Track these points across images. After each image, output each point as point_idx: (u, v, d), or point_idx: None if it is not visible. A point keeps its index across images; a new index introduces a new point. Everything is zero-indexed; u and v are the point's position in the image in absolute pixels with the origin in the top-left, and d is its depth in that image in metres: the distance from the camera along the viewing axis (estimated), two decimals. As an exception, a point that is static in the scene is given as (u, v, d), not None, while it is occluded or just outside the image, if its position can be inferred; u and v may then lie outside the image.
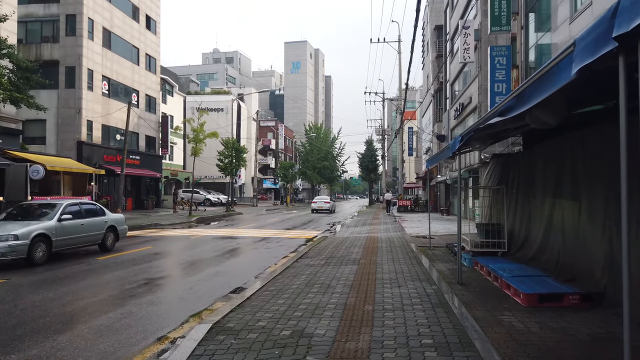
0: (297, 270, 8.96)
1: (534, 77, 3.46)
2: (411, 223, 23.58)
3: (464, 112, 25.27)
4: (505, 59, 14.40)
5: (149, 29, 36.27)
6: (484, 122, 5.06)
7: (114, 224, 13.06)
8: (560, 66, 2.94)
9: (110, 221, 12.86)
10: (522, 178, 8.97)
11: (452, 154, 7.62)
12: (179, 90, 52.24)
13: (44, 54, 28.50)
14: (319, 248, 12.76)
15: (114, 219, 13.26)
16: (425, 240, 14.74)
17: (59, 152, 27.45)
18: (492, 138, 7.58)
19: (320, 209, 36.20)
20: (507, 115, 4.28)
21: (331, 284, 7.40)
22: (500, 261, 8.35)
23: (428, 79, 43.45)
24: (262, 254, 12.74)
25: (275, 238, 17.18)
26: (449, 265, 9.29)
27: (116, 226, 13.14)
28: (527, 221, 8.59)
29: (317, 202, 38.10)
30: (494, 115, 4.72)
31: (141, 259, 11.47)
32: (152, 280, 8.81)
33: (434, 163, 10.30)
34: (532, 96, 3.56)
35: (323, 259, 10.54)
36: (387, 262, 9.80)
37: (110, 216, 13.18)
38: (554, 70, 3.05)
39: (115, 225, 13.09)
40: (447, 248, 11.85)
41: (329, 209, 36.56)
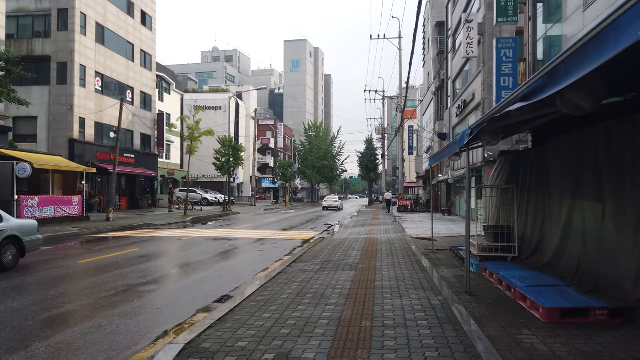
0: (289, 277, 8.24)
1: (575, 46, 2.74)
2: (412, 224, 22.86)
3: (466, 109, 24.54)
4: (512, 52, 13.67)
5: (145, 24, 35.51)
6: (501, 111, 4.33)
7: (17, 234, 9.88)
8: (620, 25, 2.22)
9: (9, 230, 9.69)
10: (535, 177, 8.24)
11: (460, 150, 6.90)
12: (177, 89, 51.49)
13: (35, 49, 27.78)
14: (315, 251, 12.04)
15: (17, 226, 10.07)
16: (427, 242, 14.02)
17: (51, 150, 26.72)
18: (505, 132, 6.86)
19: (330, 206, 41.27)
20: (532, 100, 3.56)
21: (325, 294, 6.67)
22: (511, 268, 7.62)
23: (429, 76, 42.71)
24: (255, 257, 12.03)
25: (270, 239, 16.47)
26: (454, 271, 8.56)
27: (20, 236, 9.96)
28: (541, 224, 7.86)
29: (328, 200, 42.98)
30: (514, 101, 3.99)
31: (125, 262, 10.75)
32: (131, 287, 8.09)
33: (437, 160, 9.58)
34: (571, 72, 2.83)
35: (318, 263, 9.81)
36: (387, 268, 9.08)
37: (11, 223, 9.96)
38: (609, 32, 2.33)
39: (18, 235, 9.91)
40: (451, 251, 11.13)
41: (338, 206, 41.73)
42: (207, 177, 57.17)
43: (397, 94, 38.44)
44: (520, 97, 3.80)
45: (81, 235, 17.18)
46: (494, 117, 4.50)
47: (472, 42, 20.25)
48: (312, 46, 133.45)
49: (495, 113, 4.46)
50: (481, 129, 5.36)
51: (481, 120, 5.07)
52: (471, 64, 24.63)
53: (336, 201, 42.44)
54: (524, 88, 3.70)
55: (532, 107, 4.14)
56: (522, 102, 3.82)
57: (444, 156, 8.28)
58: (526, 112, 4.63)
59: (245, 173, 63.35)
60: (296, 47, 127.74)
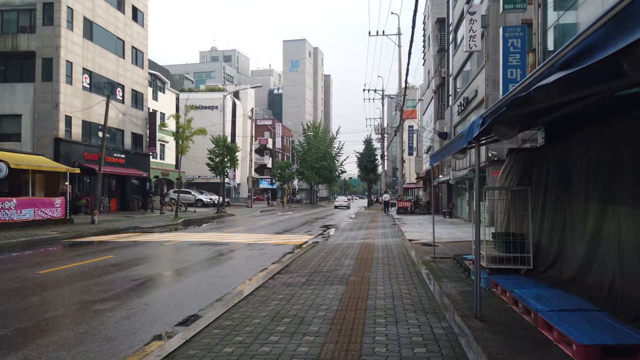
0: (269, 292, 7.13)
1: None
2: (411, 227, 21.75)
3: (468, 106, 23.45)
4: (519, 41, 12.57)
5: (136, 20, 34.42)
6: (530, 87, 3.23)
7: None
8: None
9: None
10: (553, 177, 7.14)
11: (467, 145, 5.79)
12: (173, 88, 50.41)
13: (20, 45, 26.71)
14: (305, 258, 10.93)
15: None
16: (428, 248, 12.91)
17: (35, 149, 25.64)
18: (523, 123, 5.76)
19: (341, 205, 52.29)
20: (581, 64, 2.46)
21: (306, 318, 5.56)
22: (526, 283, 6.52)
23: (429, 74, 41.62)
24: (239, 266, 10.93)
25: (260, 244, 15.37)
26: (459, 286, 7.45)
27: None
28: (560, 231, 6.76)
29: (339, 200, 55.45)
30: (550, 71, 2.89)
31: (91, 272, 9.64)
32: (87, 304, 6.98)
33: (439, 159, 8.48)
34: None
35: (305, 274, 8.70)
36: (383, 281, 7.97)
37: None
38: None
39: None
40: (454, 261, 10.01)
41: (347, 205, 52.77)
42: (202, 178, 56.10)
43: (397, 92, 37.36)
44: (560, 63, 2.70)
45: (59, 240, 16.06)
46: (517, 98, 3.40)
47: (475, 35, 19.17)
48: (311, 46, 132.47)
49: (519, 92, 3.36)
50: (497, 116, 4.25)
51: (499, 105, 3.97)
52: (473, 59, 23.54)
53: (345, 201, 55.28)
54: (568, 50, 2.60)
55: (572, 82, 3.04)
56: (562, 71, 2.71)
57: (448, 153, 7.18)
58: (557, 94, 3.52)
59: (242, 174, 62.25)
60: (295, 47, 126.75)
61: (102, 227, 19.94)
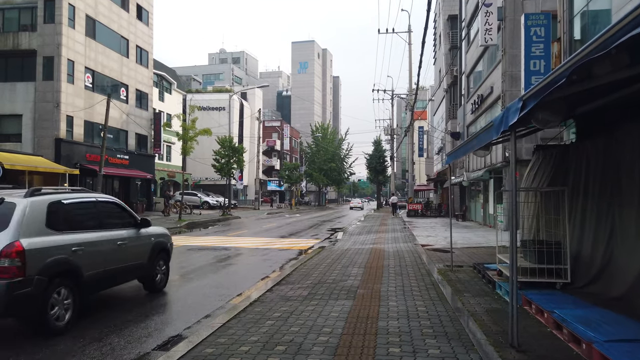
0: (265, 308, 6.20)
1: None
2: (423, 230, 20.71)
3: (483, 104, 22.37)
4: (543, 30, 11.55)
5: (140, 19, 33.79)
6: (609, 45, 2.26)
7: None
8: None
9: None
10: (596, 177, 6.13)
11: (498, 137, 4.82)
12: (180, 89, 49.81)
13: (21, 43, 26.13)
14: (309, 266, 10.00)
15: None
16: (442, 255, 11.92)
17: (36, 150, 25.02)
18: (571, 107, 4.77)
19: (355, 206, 58.00)
20: None
21: (304, 345, 4.62)
22: (566, 301, 5.53)
23: (440, 73, 40.54)
24: (237, 274, 10.02)
25: (263, 249, 14.47)
26: (485, 303, 6.45)
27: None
28: (607, 241, 5.75)
29: (353, 202, 62.53)
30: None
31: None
32: (56, 321, 6.10)
33: (460, 156, 7.49)
34: None
35: (308, 286, 7.76)
36: (396, 295, 7.00)
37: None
38: None
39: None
40: (475, 270, 9.01)
41: (361, 207, 58.94)
42: (210, 180, 55.39)
43: (407, 90, 36.34)
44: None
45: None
46: (593, 59, 2.44)
47: (491, 28, 18.14)
48: (320, 47, 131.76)
49: (593, 52, 2.39)
50: (546, 95, 3.28)
51: (553, 78, 3.00)
52: (488, 55, 22.48)
53: (359, 203, 61.97)
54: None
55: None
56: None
57: (470, 149, 6.21)
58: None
59: (250, 175, 61.51)
60: (304, 48, 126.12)
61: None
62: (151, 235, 7.79)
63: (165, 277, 8.19)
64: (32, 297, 5.05)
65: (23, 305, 5.01)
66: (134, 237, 7.23)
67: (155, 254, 7.78)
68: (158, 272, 7.89)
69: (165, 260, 8.21)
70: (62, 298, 5.53)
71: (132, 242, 7.15)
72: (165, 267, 8.19)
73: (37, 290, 5.09)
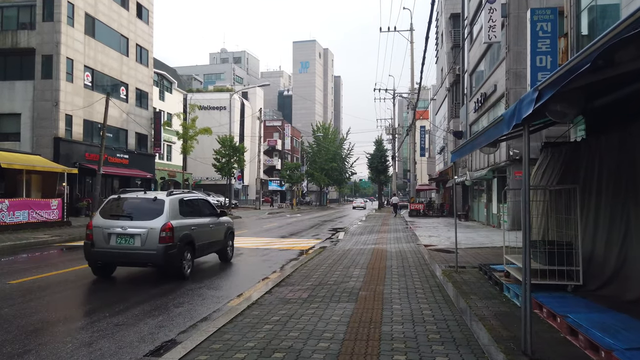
0: (263, 312, 5.95)
1: None
2: (425, 230, 20.44)
3: (486, 103, 22.10)
4: (549, 25, 11.28)
5: (140, 17, 33.56)
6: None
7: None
8: None
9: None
10: (610, 175, 5.86)
11: (510, 132, 4.56)
12: (180, 88, 49.60)
13: (20, 41, 25.93)
14: (310, 267, 9.74)
15: None
16: (446, 255, 11.66)
17: (35, 149, 24.79)
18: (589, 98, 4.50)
19: (358, 206, 60.05)
20: None
21: (303, 352, 4.35)
22: (579, 305, 5.26)
23: (442, 72, 40.26)
24: (236, 275, 9.77)
25: (263, 249, 14.22)
26: (493, 306, 6.18)
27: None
28: (622, 241, 5.49)
29: (356, 202, 66.12)
30: None
31: (69, 283, 8.56)
32: (47, 324, 5.86)
33: (466, 153, 7.22)
34: None
35: (308, 287, 7.50)
36: (399, 297, 6.74)
37: None
38: None
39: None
40: (480, 271, 8.74)
41: (364, 206, 61.00)
42: (211, 179, 55.20)
43: (409, 89, 36.05)
44: None
45: (49, 244, 15.06)
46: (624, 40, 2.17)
47: (495, 25, 17.89)
48: (321, 47, 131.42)
49: (632, 29, 2.13)
50: (566, 83, 3.02)
51: (578, 62, 2.73)
52: (491, 53, 22.21)
53: (362, 203, 64.74)
54: None
55: None
56: None
57: (477, 146, 5.94)
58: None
59: (251, 175, 61.29)
60: (305, 48, 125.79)
61: (100, 230, 18.94)
62: (225, 222, 11.13)
63: (232, 251, 11.56)
64: (176, 255, 8.45)
65: (172, 260, 8.40)
66: (216, 222, 10.54)
67: (227, 234, 11.20)
68: (228, 247, 11.25)
69: (232, 240, 11.54)
70: (187, 258, 8.89)
71: (216, 226, 10.51)
72: (232, 244, 11.52)
73: (178, 251, 8.51)
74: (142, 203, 8.89)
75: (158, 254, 8.21)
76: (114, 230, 8.48)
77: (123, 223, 8.50)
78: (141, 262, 8.64)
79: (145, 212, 8.59)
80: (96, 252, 8.65)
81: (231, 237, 11.43)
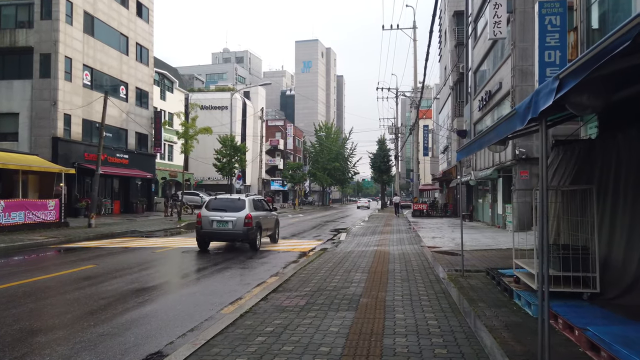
0: (257, 321, 5.56)
1: None
2: (429, 231, 20.02)
3: (491, 101, 21.66)
4: (558, 19, 10.86)
5: (140, 16, 33.25)
6: None
7: None
8: None
9: None
10: (629, 175, 5.44)
11: (524, 127, 4.15)
12: (182, 88, 49.28)
13: (18, 40, 25.66)
14: (309, 270, 9.35)
15: None
16: (451, 258, 11.26)
17: (33, 149, 24.51)
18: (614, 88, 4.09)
19: (363, 205, 62.25)
20: None
21: (297, 370, 3.97)
22: (597, 315, 4.86)
23: (446, 70, 39.79)
24: (232, 279, 9.38)
25: (261, 251, 13.84)
26: (503, 315, 5.77)
27: None
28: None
29: (361, 202, 68.35)
30: None
31: (57, 288, 8.20)
32: (34, 333, 5.50)
33: (473, 151, 6.80)
34: None
35: (306, 294, 7.11)
36: (403, 305, 6.33)
37: None
38: None
39: None
40: (488, 276, 8.33)
41: (368, 206, 62.30)
42: (213, 179, 54.83)
43: (412, 88, 35.62)
44: None
45: (44, 246, 14.72)
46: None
47: (500, 21, 17.43)
48: (324, 46, 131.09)
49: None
50: (595, 69, 2.61)
51: (611, 42, 2.33)
52: (496, 50, 21.77)
53: (366, 202, 66.15)
54: None
55: None
56: None
57: (486, 143, 5.54)
58: None
59: (253, 175, 60.94)
60: (307, 47, 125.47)
61: (98, 231, 18.62)
62: (274, 215, 15.65)
63: (278, 236, 15.94)
64: (253, 234, 12.81)
65: (252, 237, 12.80)
66: (271, 215, 15.01)
67: (276, 224, 15.63)
68: (276, 233, 15.61)
69: (278, 227, 15.88)
70: (258, 236, 13.29)
71: (270, 217, 14.86)
72: (277, 230, 15.87)
73: (254, 231, 12.81)
74: (231, 201, 13.55)
75: (243, 233, 12.76)
76: (214, 218, 12.87)
77: (220, 214, 12.91)
78: (232, 239, 13.33)
79: (234, 207, 13.05)
80: (203, 232, 12.98)
81: (277, 225, 15.78)
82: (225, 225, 12.70)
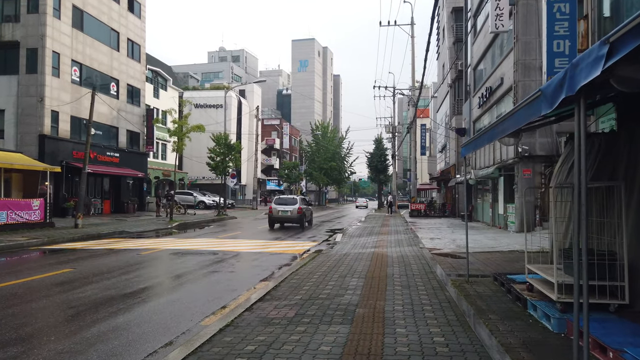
0: (237, 338, 4.85)
1: None
2: (428, 232, 19.36)
3: (492, 97, 21.01)
4: (568, 6, 10.20)
5: (132, 11, 32.44)
6: None
7: None
8: None
9: None
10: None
11: (552, 112, 3.46)
12: (176, 86, 48.47)
13: (4, 34, 24.82)
14: (301, 275, 8.65)
15: None
16: (453, 261, 10.58)
17: (19, 147, 23.70)
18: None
19: (361, 205, 65.54)
20: None
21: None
22: (631, 333, 4.19)
23: (444, 68, 39.17)
24: (217, 284, 8.67)
25: (254, 253, 13.17)
26: (517, 329, 5.09)
27: None
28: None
29: (359, 201, 72.26)
30: None
31: (25, 295, 7.47)
32: (-28, 353, 4.77)
33: (483, 144, 6.10)
34: None
35: (297, 303, 6.41)
36: (404, 317, 5.64)
37: None
38: None
39: None
40: (496, 282, 7.64)
41: (366, 205, 65.45)
42: (207, 179, 54.03)
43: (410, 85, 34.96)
44: None
45: (24, 248, 13.97)
46: None
47: (502, 13, 16.78)
48: (321, 45, 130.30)
49: None
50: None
51: None
52: (497, 44, 21.12)
53: (365, 202, 69.64)
54: None
55: None
56: None
57: (499, 134, 4.85)
58: None
59: (248, 174, 60.18)
60: (304, 46, 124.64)
61: (84, 231, 17.86)
62: (310, 208, 24.26)
63: (311, 222, 24.09)
64: (302, 218, 21.59)
65: (300, 220, 21.61)
66: (308, 208, 23.40)
67: (312, 215, 24.28)
68: (311, 221, 23.96)
69: (312, 216, 24.30)
70: (304, 222, 22.18)
71: (309, 210, 23.47)
72: (311, 218, 24.08)
73: (303, 217, 21.71)
74: (289, 198, 22.43)
75: (297, 218, 21.13)
76: (279, 208, 21.19)
77: (283, 206, 21.17)
78: (290, 221, 21.60)
79: (291, 202, 21.59)
80: (272, 217, 21.34)
81: (312, 215, 24.16)
82: (287, 213, 21.04)
